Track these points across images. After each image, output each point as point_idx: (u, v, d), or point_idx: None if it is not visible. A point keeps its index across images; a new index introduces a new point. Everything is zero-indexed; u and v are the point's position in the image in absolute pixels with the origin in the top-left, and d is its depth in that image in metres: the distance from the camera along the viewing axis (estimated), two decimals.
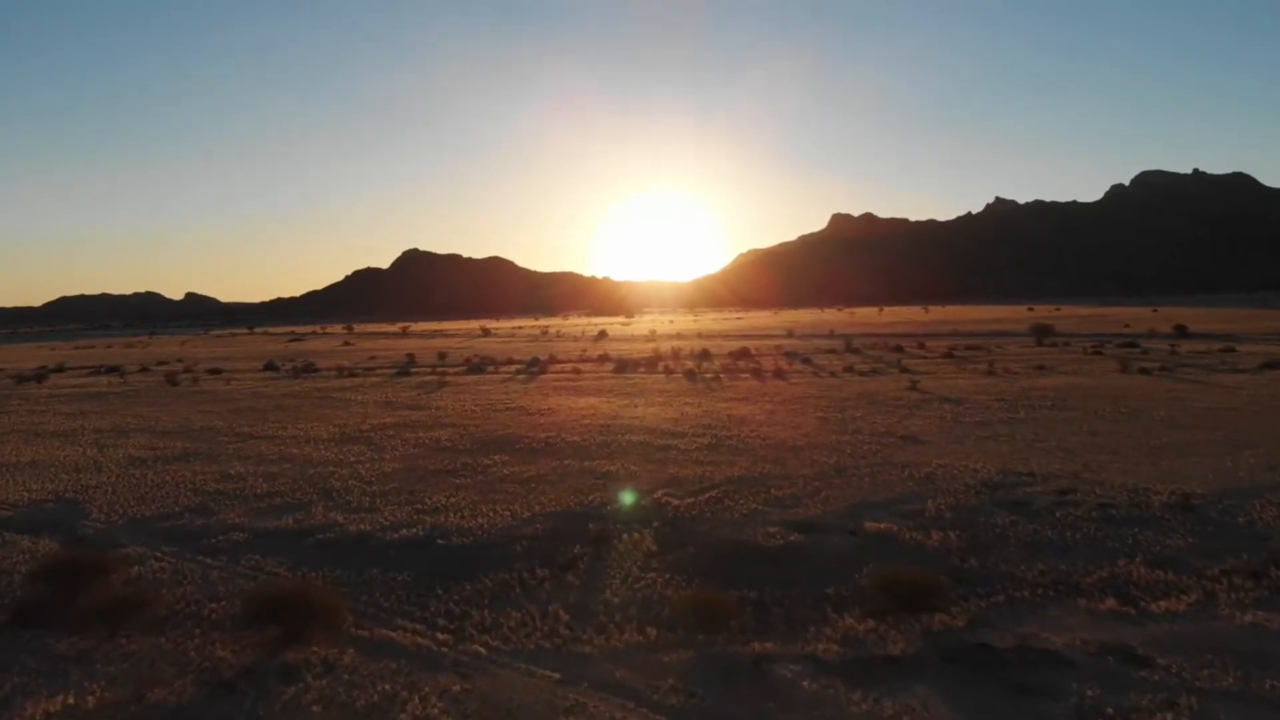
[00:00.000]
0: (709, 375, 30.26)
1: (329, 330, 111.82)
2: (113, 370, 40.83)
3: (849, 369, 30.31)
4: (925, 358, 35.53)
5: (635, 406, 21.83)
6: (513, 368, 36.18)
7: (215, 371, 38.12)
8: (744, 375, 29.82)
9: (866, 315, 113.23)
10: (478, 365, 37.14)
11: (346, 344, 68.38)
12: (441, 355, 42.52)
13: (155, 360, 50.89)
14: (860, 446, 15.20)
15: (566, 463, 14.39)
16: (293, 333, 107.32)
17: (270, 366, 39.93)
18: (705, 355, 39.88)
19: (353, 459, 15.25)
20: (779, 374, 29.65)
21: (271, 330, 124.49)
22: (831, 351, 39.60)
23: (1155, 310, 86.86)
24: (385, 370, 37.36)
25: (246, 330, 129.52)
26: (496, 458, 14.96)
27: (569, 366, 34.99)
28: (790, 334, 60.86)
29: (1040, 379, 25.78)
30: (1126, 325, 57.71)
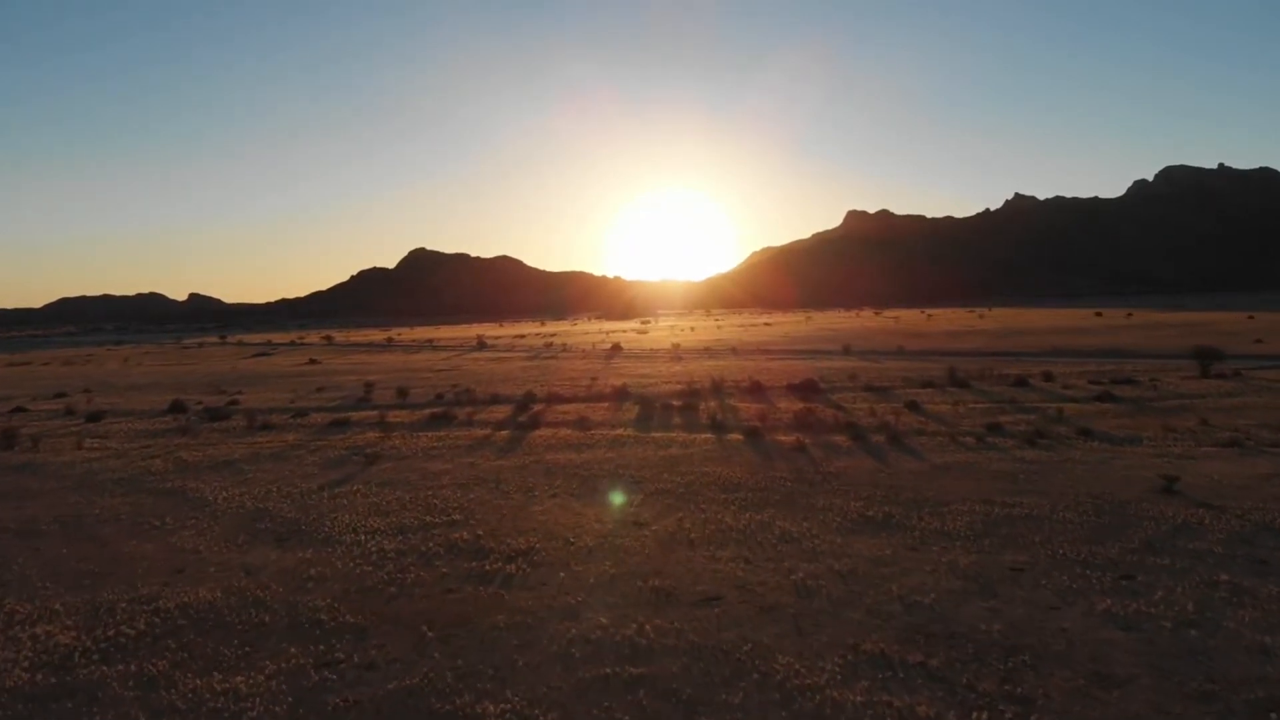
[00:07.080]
0: (783, 434, 19.99)
1: (306, 340, 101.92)
2: None
3: (996, 428, 19.93)
4: (1075, 399, 25.20)
5: (689, 546, 11.44)
6: (496, 413, 26.08)
7: (96, 417, 28.17)
8: (838, 439, 19.49)
9: (913, 321, 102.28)
10: (447, 409, 26.96)
11: (313, 362, 58.46)
12: (402, 392, 32.31)
13: (60, 388, 41.03)
14: None
15: None
16: (268, 342, 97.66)
17: (175, 408, 29.94)
18: (758, 389, 29.67)
19: None
20: (892, 437, 19.30)
21: (248, 339, 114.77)
22: (929, 385, 29.23)
23: (1251, 318, 76.03)
24: (324, 412, 27.35)
25: (218, 339, 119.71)
26: None
27: (573, 412, 24.87)
28: (847, 350, 50.33)
29: None
30: (1260, 341, 47.03)
